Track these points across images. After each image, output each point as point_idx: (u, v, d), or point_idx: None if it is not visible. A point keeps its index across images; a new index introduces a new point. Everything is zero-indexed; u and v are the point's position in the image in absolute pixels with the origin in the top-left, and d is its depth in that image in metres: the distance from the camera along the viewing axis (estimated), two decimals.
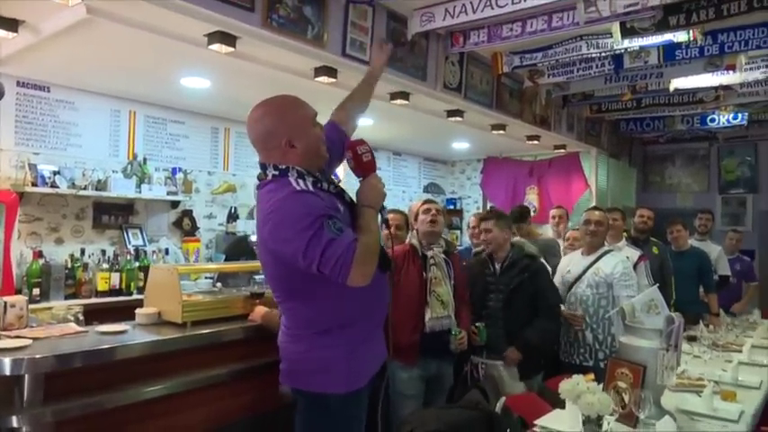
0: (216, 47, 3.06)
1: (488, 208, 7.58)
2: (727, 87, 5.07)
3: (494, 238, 3.32)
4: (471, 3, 3.37)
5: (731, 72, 4.45)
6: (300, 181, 1.76)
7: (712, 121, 6.41)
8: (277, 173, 1.80)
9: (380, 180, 1.89)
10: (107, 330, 2.48)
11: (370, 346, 1.93)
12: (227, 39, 3.02)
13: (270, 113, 1.86)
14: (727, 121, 6.31)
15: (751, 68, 4.44)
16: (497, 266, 3.33)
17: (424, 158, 7.91)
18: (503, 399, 2.28)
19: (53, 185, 3.97)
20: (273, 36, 3.06)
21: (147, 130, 4.83)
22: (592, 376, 2.05)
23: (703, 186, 8.10)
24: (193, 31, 3.01)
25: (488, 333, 3.16)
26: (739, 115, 6.18)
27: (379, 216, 1.88)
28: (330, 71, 3.60)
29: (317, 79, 3.68)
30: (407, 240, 3.23)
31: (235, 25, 2.91)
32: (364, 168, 1.86)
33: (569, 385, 1.96)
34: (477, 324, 3.15)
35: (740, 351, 3.56)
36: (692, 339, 3.61)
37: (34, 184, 3.92)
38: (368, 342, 1.91)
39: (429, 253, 3.02)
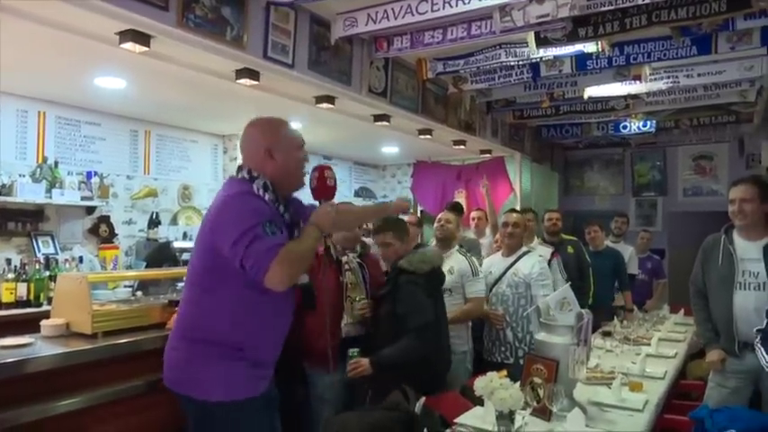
0: (128, 45, 2.94)
1: (419, 211, 7.72)
2: (635, 96, 5.40)
3: (395, 252, 2.90)
4: (393, 9, 3.42)
5: (638, 82, 4.75)
6: (261, 190, 1.89)
7: (624, 128, 6.80)
8: (247, 177, 1.92)
9: (336, 211, 1.98)
10: (8, 344, 2.34)
11: (253, 368, 1.91)
12: (141, 38, 2.91)
13: (259, 124, 2.02)
14: (638, 128, 6.72)
15: (655, 79, 4.75)
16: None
17: (354, 162, 7.93)
18: (422, 399, 2.30)
19: None
20: (189, 36, 2.97)
21: (58, 131, 4.57)
22: (505, 373, 2.12)
23: (619, 189, 8.58)
24: (104, 29, 2.88)
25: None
26: (648, 123, 6.60)
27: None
28: (252, 73, 3.54)
29: (238, 81, 3.62)
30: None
31: (147, 24, 2.81)
32: (325, 191, 2.01)
33: (483, 382, 2.02)
34: (350, 350, 2.73)
35: (649, 344, 3.78)
36: (606, 335, 3.79)
37: None
38: (251, 365, 1.90)
39: (343, 258, 2.99)
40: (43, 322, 2.59)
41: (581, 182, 8.93)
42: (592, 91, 5.10)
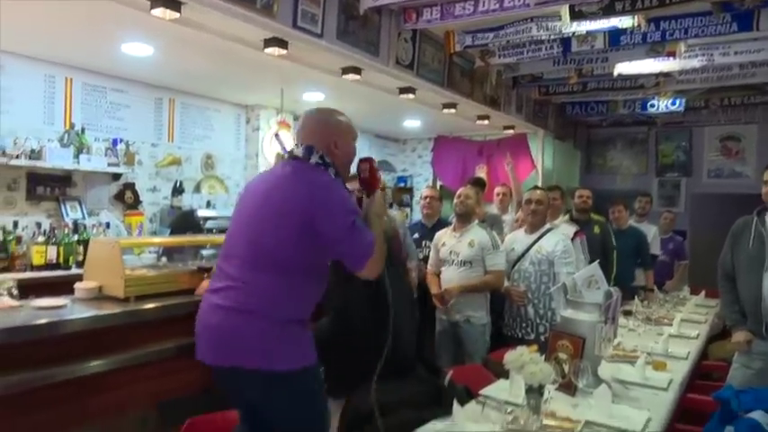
0: (159, 11, 2.92)
1: (438, 186, 7.69)
2: (666, 74, 5.28)
3: None
4: None
5: (671, 59, 4.63)
6: (337, 178, 2.01)
7: (652, 106, 6.66)
8: (321, 162, 1.98)
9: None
10: (44, 305, 2.40)
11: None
12: (172, 3, 2.89)
13: (328, 115, 2.14)
14: (666, 106, 6.57)
15: (689, 56, 4.62)
16: None
17: (375, 135, 7.89)
18: (450, 372, 2.34)
19: None
20: (221, 3, 2.94)
21: (85, 97, 4.59)
22: (535, 347, 2.12)
23: (642, 169, 8.44)
24: None
25: None
26: (677, 101, 6.45)
27: None
28: (281, 43, 3.51)
29: (266, 51, 3.59)
30: None
31: None
32: (374, 182, 2.10)
33: (514, 356, 2.03)
34: None
35: (671, 325, 3.77)
36: (627, 314, 3.78)
37: None
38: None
39: None
40: (77, 285, 2.65)
41: (603, 160, 8.79)
42: (623, 68, 4.98)
